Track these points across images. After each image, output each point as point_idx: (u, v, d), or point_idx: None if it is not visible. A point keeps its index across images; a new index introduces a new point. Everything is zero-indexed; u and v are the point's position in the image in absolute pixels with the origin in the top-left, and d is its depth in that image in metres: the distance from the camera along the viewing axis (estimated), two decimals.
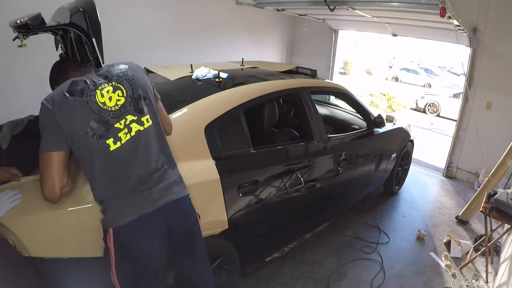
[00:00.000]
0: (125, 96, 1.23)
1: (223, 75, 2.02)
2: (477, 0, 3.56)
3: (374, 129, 2.91)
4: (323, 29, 5.47)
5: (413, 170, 4.16)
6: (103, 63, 1.43)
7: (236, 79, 2.07)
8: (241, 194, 1.79)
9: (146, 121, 1.26)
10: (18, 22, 1.18)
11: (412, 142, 3.58)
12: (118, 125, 1.19)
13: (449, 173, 4.35)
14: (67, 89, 1.15)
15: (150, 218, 1.21)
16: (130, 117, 1.22)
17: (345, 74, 16.55)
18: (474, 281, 2.36)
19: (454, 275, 2.46)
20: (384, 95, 10.66)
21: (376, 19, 4.02)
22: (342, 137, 2.59)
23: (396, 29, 4.58)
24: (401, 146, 3.32)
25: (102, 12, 1.38)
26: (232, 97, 1.88)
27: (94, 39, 1.38)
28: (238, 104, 1.86)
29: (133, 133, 1.22)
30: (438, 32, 3.89)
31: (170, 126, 1.48)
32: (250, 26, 5.20)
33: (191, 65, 2.23)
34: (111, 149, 1.17)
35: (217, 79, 1.96)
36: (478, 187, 3.26)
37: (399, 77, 17.67)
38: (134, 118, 1.23)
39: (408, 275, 2.44)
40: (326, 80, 3.47)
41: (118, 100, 1.22)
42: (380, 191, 3.41)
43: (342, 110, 3.55)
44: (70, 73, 1.28)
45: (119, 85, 1.24)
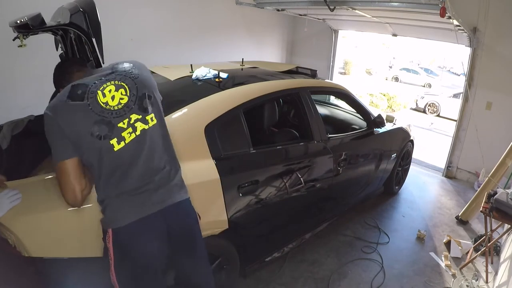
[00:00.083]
0: (128, 95, 1.21)
1: (223, 75, 2.02)
2: (477, 0, 3.56)
3: (374, 129, 2.91)
4: (323, 29, 5.47)
5: (413, 170, 4.16)
6: (103, 63, 1.43)
7: (236, 79, 2.07)
8: (241, 194, 1.79)
9: (151, 119, 1.24)
10: (18, 22, 1.18)
11: (412, 142, 3.58)
12: (121, 124, 1.18)
13: (449, 173, 4.36)
14: (68, 94, 1.14)
15: (151, 219, 1.20)
16: (135, 116, 1.20)
17: (345, 74, 16.54)
18: (474, 281, 2.36)
19: (454, 275, 2.46)
20: (384, 95, 10.66)
21: (376, 19, 4.02)
22: (342, 137, 2.59)
23: (396, 29, 4.58)
24: (401, 146, 3.32)
25: (102, 12, 1.38)
26: (232, 97, 1.88)
27: (94, 39, 1.38)
28: (238, 104, 1.86)
29: (138, 132, 1.20)
30: (438, 32, 3.90)
31: None
32: (250, 26, 5.20)
33: (191, 65, 2.23)
34: (115, 149, 1.16)
35: (217, 79, 1.96)
36: (478, 187, 3.26)
37: (399, 77, 17.66)
38: (139, 117, 1.21)
39: (408, 275, 2.44)
40: (326, 80, 3.47)
41: (121, 99, 1.20)
42: (380, 191, 3.41)
43: (342, 110, 3.55)
44: (73, 73, 1.28)
45: (123, 83, 1.22)
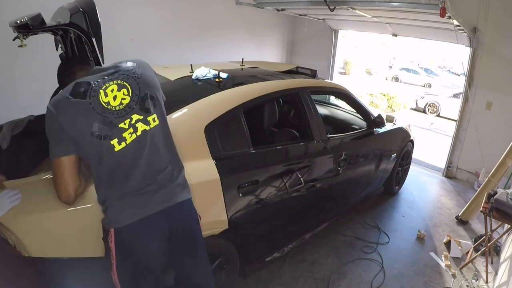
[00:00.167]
0: (130, 95, 1.21)
1: (223, 75, 2.02)
2: (477, 0, 3.56)
3: (374, 129, 2.91)
4: (323, 29, 5.47)
5: (413, 170, 4.16)
6: (103, 63, 1.43)
7: (236, 79, 2.07)
8: (241, 194, 1.79)
9: (153, 120, 1.23)
10: (18, 22, 1.18)
11: (412, 142, 3.58)
12: (122, 125, 1.17)
13: (449, 173, 4.36)
14: (70, 91, 1.14)
15: (152, 219, 1.20)
16: (136, 116, 1.20)
17: (345, 74, 16.54)
18: (474, 281, 2.36)
19: (454, 275, 2.46)
20: (384, 95, 10.66)
21: (376, 19, 4.02)
22: (342, 137, 2.58)
23: (396, 29, 4.57)
24: (401, 146, 3.32)
25: (102, 12, 1.38)
26: (232, 97, 1.88)
27: (94, 39, 1.38)
28: (238, 104, 1.86)
29: (138, 132, 1.20)
30: (438, 32, 3.89)
31: None
32: (250, 26, 5.20)
33: (191, 65, 2.23)
34: (116, 149, 1.15)
35: (217, 79, 1.96)
36: (478, 187, 3.26)
37: (399, 77, 17.66)
38: (140, 117, 1.20)
39: (408, 275, 2.44)
40: (326, 80, 3.47)
41: (123, 99, 1.19)
42: (380, 191, 3.41)
43: (342, 110, 3.55)
44: (76, 72, 1.28)
45: (125, 83, 1.21)
